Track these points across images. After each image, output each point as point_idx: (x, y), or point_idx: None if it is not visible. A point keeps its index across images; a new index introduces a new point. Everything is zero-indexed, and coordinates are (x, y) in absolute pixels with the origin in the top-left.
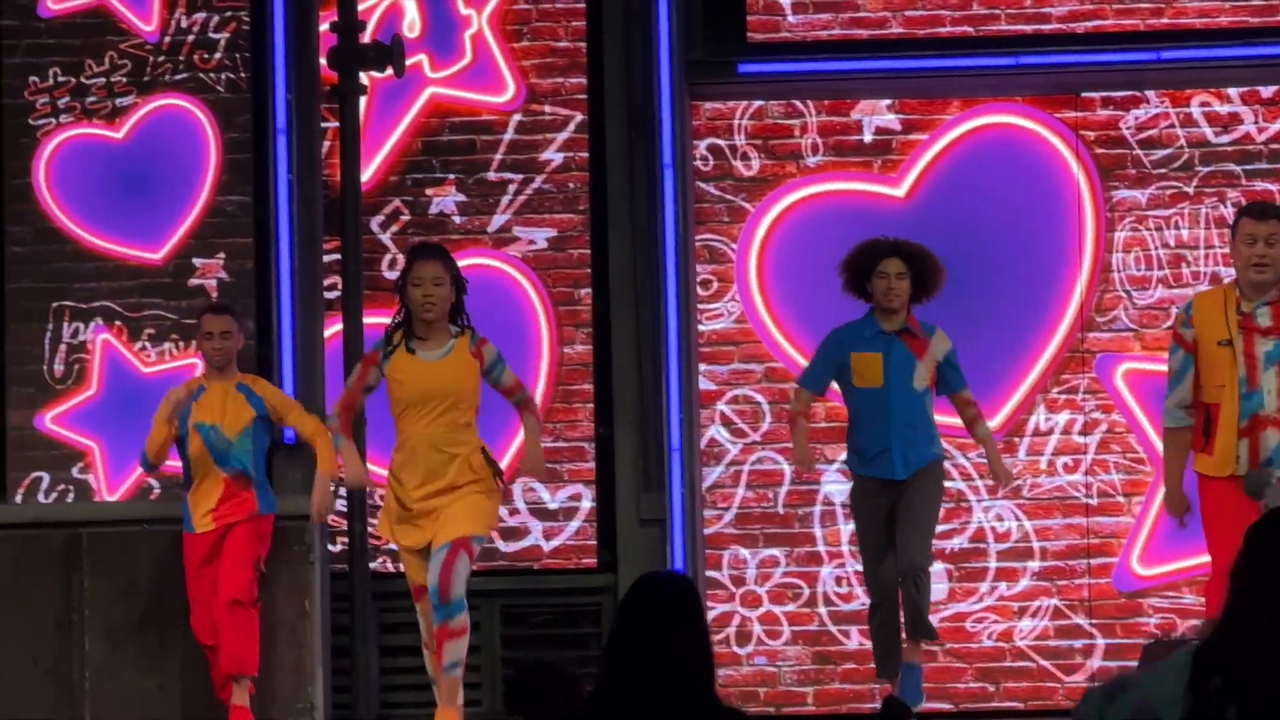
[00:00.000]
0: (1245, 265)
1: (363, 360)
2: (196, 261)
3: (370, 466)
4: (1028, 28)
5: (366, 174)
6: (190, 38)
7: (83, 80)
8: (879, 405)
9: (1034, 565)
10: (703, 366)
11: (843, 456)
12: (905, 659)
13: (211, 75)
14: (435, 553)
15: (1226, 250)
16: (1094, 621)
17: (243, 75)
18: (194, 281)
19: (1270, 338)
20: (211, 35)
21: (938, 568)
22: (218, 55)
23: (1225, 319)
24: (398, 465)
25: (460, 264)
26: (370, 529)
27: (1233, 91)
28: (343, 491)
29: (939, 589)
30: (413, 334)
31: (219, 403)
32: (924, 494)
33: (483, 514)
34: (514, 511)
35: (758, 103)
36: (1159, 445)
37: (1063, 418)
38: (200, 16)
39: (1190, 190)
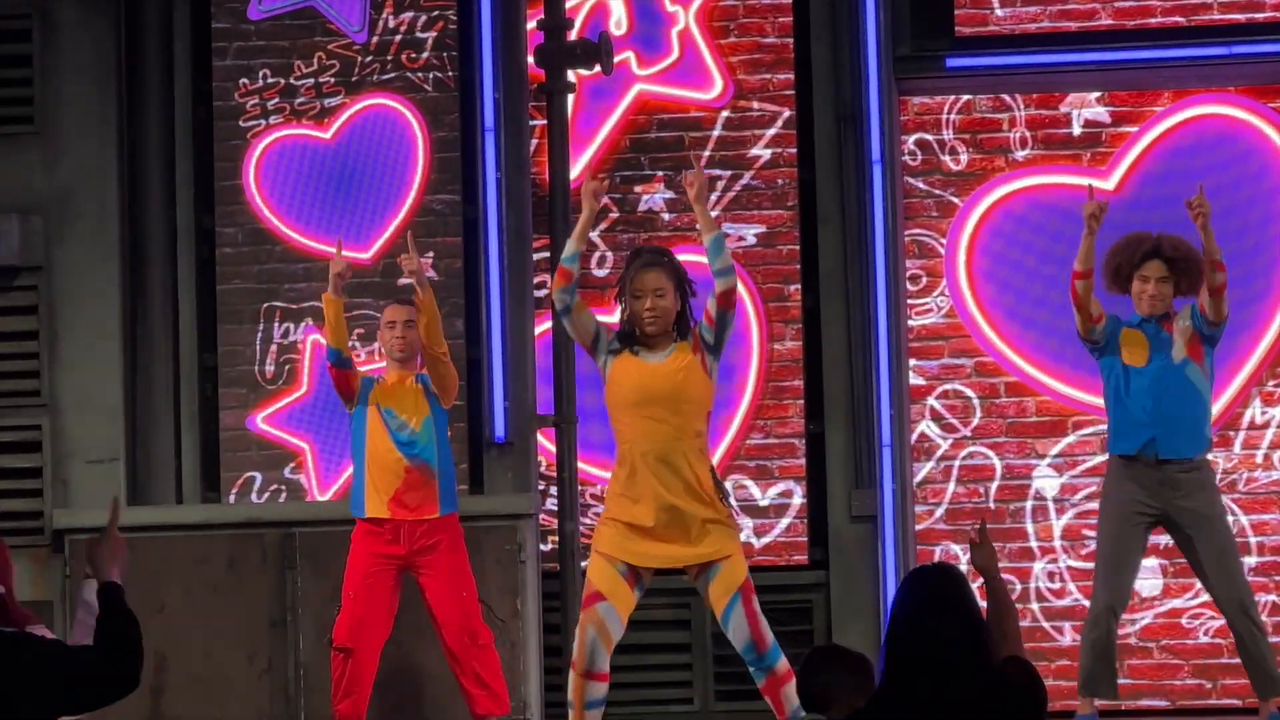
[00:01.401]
0: None
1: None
2: None
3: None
4: (1240, 16)
5: (575, 171)
6: (398, 37)
7: (291, 81)
8: None
9: (1251, 560)
10: (912, 362)
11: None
12: None
13: (419, 74)
14: (727, 611)
15: None
16: None
17: (450, 74)
18: (403, 281)
19: None
20: (419, 35)
21: (1151, 563)
22: (425, 54)
23: None
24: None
25: None
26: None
27: None
28: (553, 491)
29: (1154, 584)
30: (635, 341)
31: (398, 391)
32: None
33: (738, 545)
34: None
35: (966, 97)
36: None
37: (1278, 411)
38: (407, 16)
39: None
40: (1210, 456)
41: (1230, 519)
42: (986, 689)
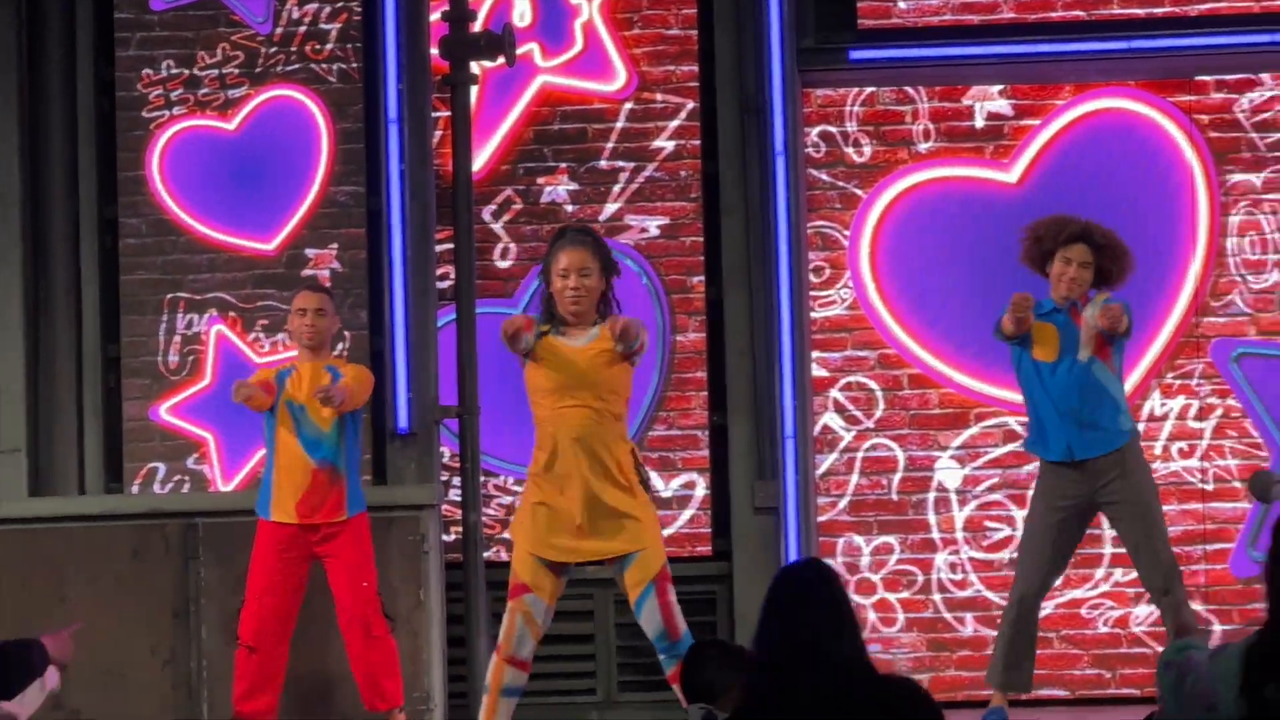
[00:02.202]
0: None
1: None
2: (309, 252)
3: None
4: (1140, 11)
5: (478, 163)
6: (302, 29)
7: (195, 72)
8: None
9: None
10: (815, 354)
11: (1013, 446)
12: None
13: (323, 66)
14: (640, 599)
15: None
16: (1210, 607)
17: (354, 66)
18: (307, 272)
19: None
20: (323, 26)
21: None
22: (329, 46)
23: None
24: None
25: None
26: (485, 520)
27: None
28: (456, 482)
29: None
30: (558, 322)
31: (308, 383)
32: None
33: (655, 535)
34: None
35: (869, 89)
36: (1276, 430)
37: (1177, 403)
38: (312, 7)
39: None
40: (1131, 439)
41: None
42: (872, 687)
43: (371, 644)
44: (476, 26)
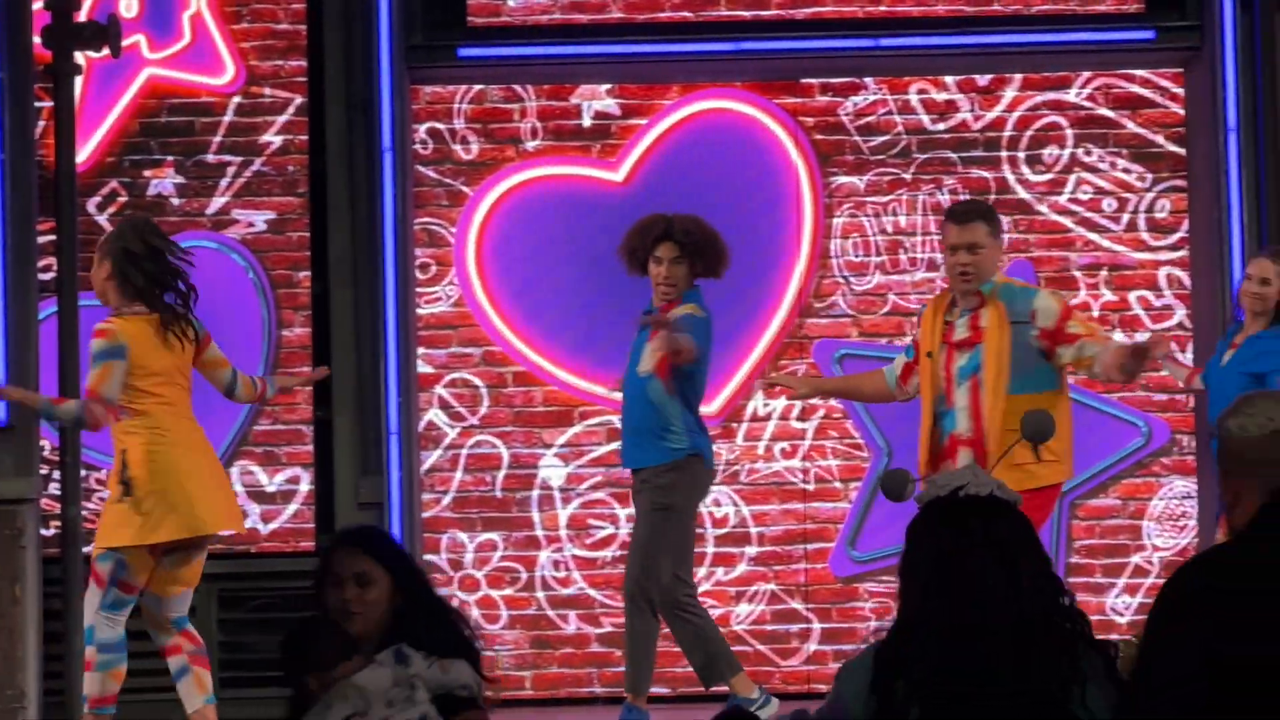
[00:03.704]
0: (950, 273)
1: None
2: None
3: None
4: (747, 13)
5: (83, 155)
6: None
7: None
8: None
9: (751, 550)
10: (421, 350)
11: (617, 444)
12: None
13: None
14: None
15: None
16: (810, 606)
17: None
18: None
19: (965, 351)
20: None
21: None
22: None
23: (933, 329)
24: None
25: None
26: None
27: (949, 79)
28: (56, 475)
29: None
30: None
31: None
32: None
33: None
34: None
35: (477, 87)
36: (875, 431)
37: (780, 403)
38: None
39: (908, 177)
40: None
41: (731, 509)
42: None
43: None
44: (81, 16)
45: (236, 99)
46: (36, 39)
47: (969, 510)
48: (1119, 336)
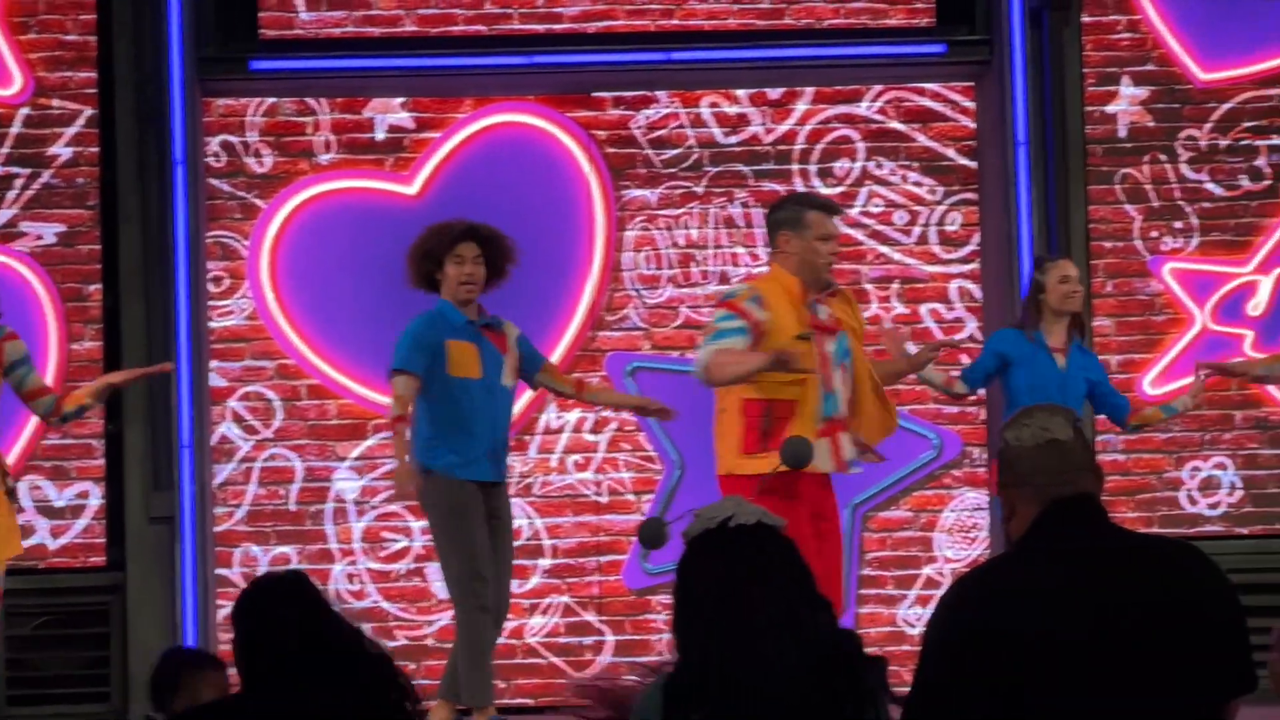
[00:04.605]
0: (823, 262)
1: None
2: None
3: None
4: (540, 27)
5: None
6: None
7: None
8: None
9: (545, 563)
10: (214, 363)
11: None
12: None
13: None
14: None
15: (734, 250)
16: (604, 618)
17: None
18: None
19: (830, 337)
20: None
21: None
22: None
23: (798, 312)
24: None
25: None
26: None
27: (741, 93)
28: None
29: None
30: None
31: None
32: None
33: None
34: (19, 510)
35: (270, 100)
36: (668, 444)
37: (573, 416)
38: None
39: (700, 190)
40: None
41: (524, 522)
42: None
43: None
44: None
45: (24, 110)
46: None
47: (739, 540)
48: (910, 348)
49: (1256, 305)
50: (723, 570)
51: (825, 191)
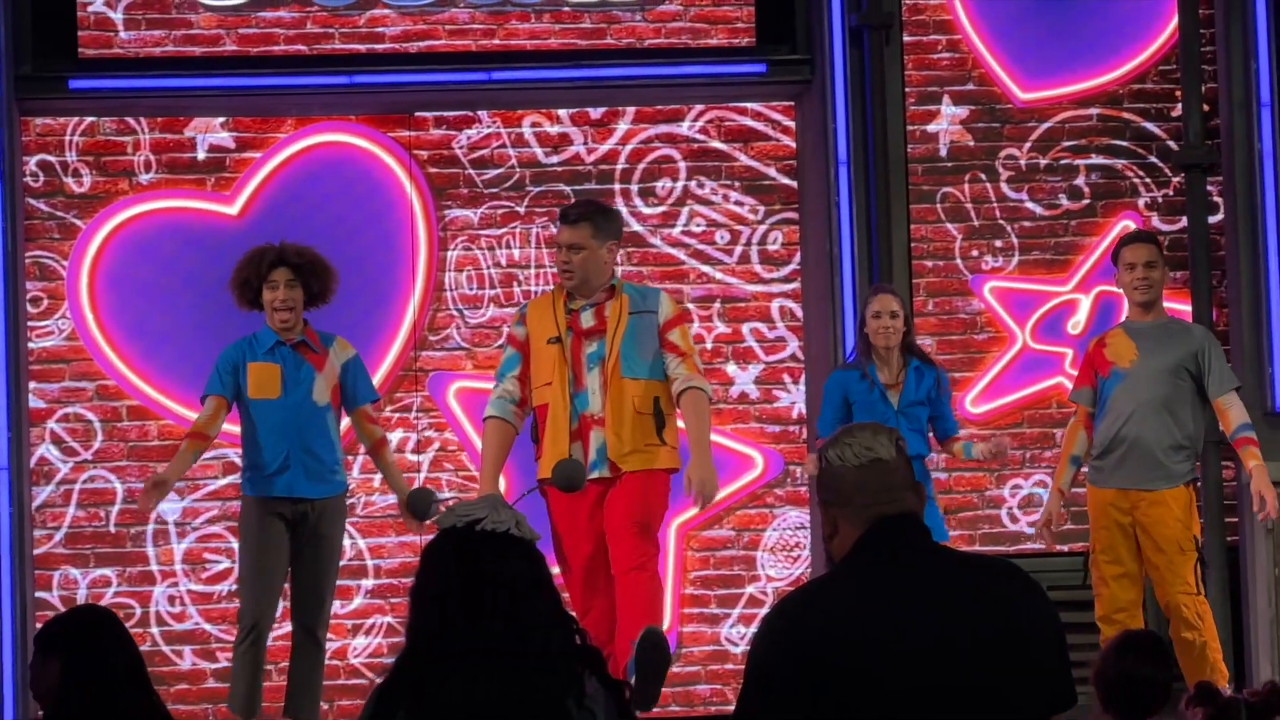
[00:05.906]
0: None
1: None
2: None
3: None
4: (362, 47)
5: None
6: None
7: None
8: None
9: (368, 583)
10: (33, 384)
11: (233, 478)
12: None
13: None
14: None
15: (555, 270)
16: None
17: None
18: None
19: (593, 339)
20: None
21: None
22: None
23: (554, 318)
24: None
25: None
26: None
27: (563, 112)
28: None
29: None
30: None
31: None
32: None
33: None
34: None
35: (89, 119)
36: None
37: (396, 436)
38: None
39: (521, 210)
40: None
41: (348, 543)
42: None
43: None
44: None
45: None
46: None
47: (483, 545)
48: (731, 369)
49: (1076, 324)
50: (458, 572)
51: (646, 211)
